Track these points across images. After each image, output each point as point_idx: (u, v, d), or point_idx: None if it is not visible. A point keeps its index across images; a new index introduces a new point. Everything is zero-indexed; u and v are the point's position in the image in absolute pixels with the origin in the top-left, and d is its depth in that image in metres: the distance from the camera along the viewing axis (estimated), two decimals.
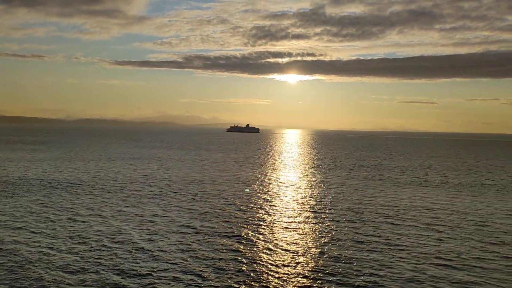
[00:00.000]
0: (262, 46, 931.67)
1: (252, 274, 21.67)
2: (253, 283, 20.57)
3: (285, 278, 21.20)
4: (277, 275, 21.56)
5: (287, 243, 26.96)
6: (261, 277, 21.25)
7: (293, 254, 24.90)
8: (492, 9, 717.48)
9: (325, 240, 27.65)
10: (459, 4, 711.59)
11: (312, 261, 23.71)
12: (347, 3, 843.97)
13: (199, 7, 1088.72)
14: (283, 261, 23.68)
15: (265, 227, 30.99)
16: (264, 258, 24.04)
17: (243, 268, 22.43)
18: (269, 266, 22.89)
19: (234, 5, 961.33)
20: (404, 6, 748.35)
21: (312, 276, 21.52)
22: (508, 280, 21.71)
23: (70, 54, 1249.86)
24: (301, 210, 37.24)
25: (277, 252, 25.23)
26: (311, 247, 26.15)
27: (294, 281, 20.87)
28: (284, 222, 32.76)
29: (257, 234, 29.00)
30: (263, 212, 36.07)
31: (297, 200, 42.14)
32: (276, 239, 27.86)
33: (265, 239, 27.81)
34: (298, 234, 29.30)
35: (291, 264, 23.16)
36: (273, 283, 20.61)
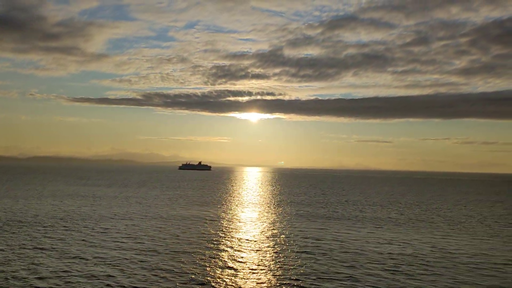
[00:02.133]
0: (222, 85, 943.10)
1: None
2: None
3: None
4: None
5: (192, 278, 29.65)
6: None
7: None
8: (440, 54, 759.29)
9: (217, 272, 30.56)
10: (409, 48, 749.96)
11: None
12: (304, 45, 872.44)
13: (159, 45, 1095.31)
14: None
15: (154, 263, 33.56)
16: None
17: None
18: None
19: (194, 44, 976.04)
20: (358, 49, 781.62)
21: None
22: None
23: (25, 91, 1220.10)
24: (205, 245, 40.05)
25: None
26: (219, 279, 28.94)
27: None
28: (186, 253, 35.48)
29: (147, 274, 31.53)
30: (161, 246, 38.67)
31: (203, 234, 44.96)
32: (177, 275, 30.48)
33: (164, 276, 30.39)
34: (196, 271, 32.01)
35: None
36: None
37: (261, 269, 30.49)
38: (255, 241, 41.05)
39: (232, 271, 29.82)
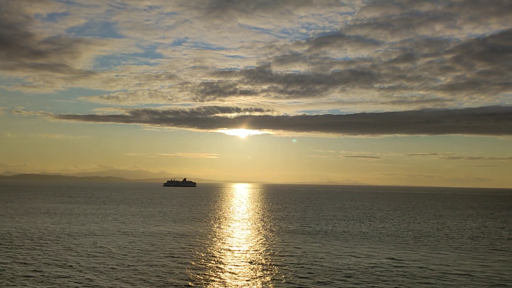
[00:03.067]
0: (211, 101, 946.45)
1: None
2: None
3: None
4: None
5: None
6: None
7: None
8: (426, 70, 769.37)
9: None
10: (395, 65, 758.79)
11: None
12: (291, 62, 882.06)
13: (147, 62, 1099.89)
14: None
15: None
16: None
17: None
18: None
19: (182, 61, 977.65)
20: (345, 66, 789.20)
21: None
22: None
23: (10, 108, 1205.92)
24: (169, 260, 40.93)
25: None
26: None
27: None
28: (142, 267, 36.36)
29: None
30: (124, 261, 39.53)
31: (170, 250, 45.86)
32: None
33: None
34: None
35: None
36: None
37: (216, 283, 31.56)
38: (220, 256, 42.07)
39: (189, 283, 30.82)
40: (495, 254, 46.55)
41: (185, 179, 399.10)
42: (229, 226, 69.20)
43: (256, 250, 45.34)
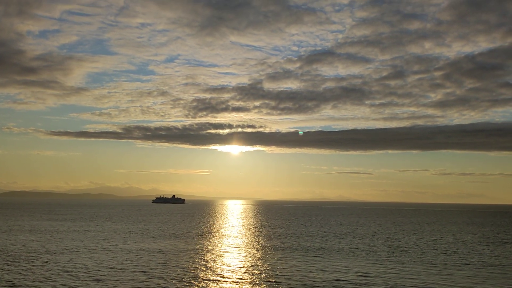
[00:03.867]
0: (203, 117, 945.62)
1: None
2: None
3: None
4: None
5: None
6: None
7: None
8: (416, 87, 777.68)
9: None
10: (385, 82, 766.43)
11: None
12: (283, 79, 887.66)
13: (139, 79, 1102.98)
14: None
15: None
16: None
17: None
18: None
19: (174, 78, 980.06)
20: (336, 83, 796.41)
21: None
22: None
23: (1, 124, 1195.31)
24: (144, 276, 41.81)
25: None
26: None
27: None
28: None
29: None
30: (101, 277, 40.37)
31: (142, 266, 46.73)
32: None
33: None
34: None
35: None
36: None
37: None
38: (193, 271, 43.01)
39: None
40: (462, 268, 47.81)
41: (174, 195, 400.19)
42: (209, 242, 70.03)
43: (229, 266, 46.32)
